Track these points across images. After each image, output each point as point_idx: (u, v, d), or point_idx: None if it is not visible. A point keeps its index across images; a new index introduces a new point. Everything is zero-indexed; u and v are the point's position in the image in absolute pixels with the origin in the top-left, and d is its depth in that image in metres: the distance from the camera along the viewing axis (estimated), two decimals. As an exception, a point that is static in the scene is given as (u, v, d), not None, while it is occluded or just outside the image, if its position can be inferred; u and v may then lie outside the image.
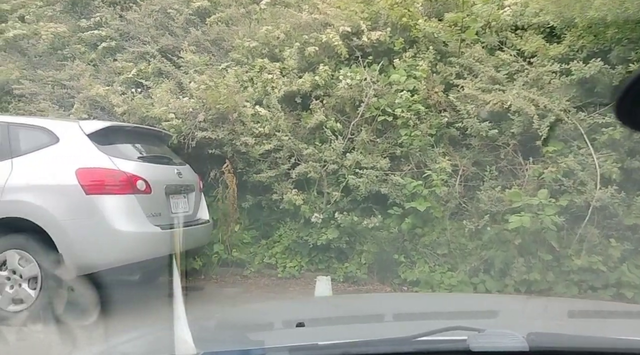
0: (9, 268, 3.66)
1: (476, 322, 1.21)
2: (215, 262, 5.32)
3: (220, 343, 1.30)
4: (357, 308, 1.83)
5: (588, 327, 1.50)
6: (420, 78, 5.29)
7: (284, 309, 1.87)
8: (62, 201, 3.65)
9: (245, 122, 5.38)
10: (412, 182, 4.82)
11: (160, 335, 1.45)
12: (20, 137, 3.87)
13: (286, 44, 5.88)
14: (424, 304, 1.96)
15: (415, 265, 4.83)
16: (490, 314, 1.61)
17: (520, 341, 1.05)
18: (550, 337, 1.15)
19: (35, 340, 3.13)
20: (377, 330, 1.43)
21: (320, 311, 1.79)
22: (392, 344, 1.10)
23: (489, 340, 1.07)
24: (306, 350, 1.16)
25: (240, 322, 1.64)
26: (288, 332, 1.43)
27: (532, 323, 1.49)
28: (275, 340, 1.35)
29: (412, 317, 1.62)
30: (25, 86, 5.86)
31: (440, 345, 1.09)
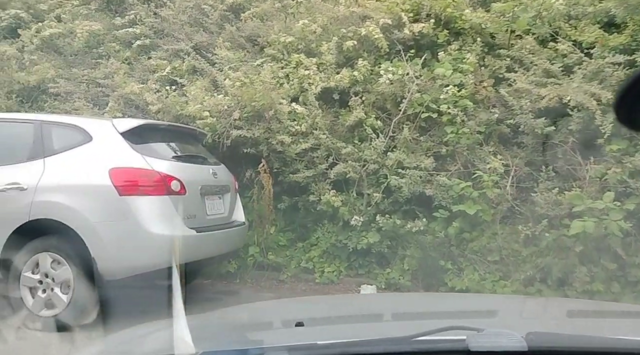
0: (41, 271, 3.54)
1: (475, 322, 1.19)
2: (251, 265, 5.13)
3: (219, 342, 1.29)
4: (356, 308, 1.82)
5: (587, 327, 1.48)
6: (467, 72, 4.96)
7: (283, 309, 1.85)
8: (94, 202, 3.51)
9: (281, 119, 5.17)
10: (460, 183, 4.50)
11: (159, 335, 1.45)
12: (52, 135, 3.75)
13: (323, 39, 5.64)
14: (422, 304, 1.95)
15: (463, 273, 4.51)
16: (489, 314, 1.60)
17: (519, 341, 1.04)
18: (550, 337, 1.14)
19: (35, 340, 3.08)
20: (376, 329, 1.42)
21: (320, 311, 1.77)
22: (391, 344, 1.09)
23: (488, 340, 1.06)
24: (305, 349, 1.15)
25: (239, 321, 1.64)
26: (287, 332, 1.42)
27: (531, 323, 1.47)
28: (274, 339, 1.34)
29: (411, 317, 1.61)
30: (61, 85, 5.81)
31: (439, 345, 1.08)
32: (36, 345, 3.03)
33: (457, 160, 4.82)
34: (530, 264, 4.32)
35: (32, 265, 3.54)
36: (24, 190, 3.56)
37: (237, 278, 5.08)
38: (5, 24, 7.16)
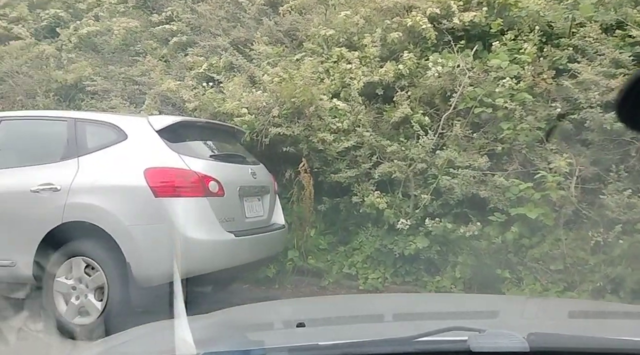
0: (74, 276, 3.38)
1: (476, 323, 1.19)
2: (290, 270, 4.87)
3: (221, 343, 1.29)
4: (357, 308, 1.81)
5: (588, 327, 1.48)
6: (525, 63, 4.56)
7: (284, 309, 1.85)
8: (129, 204, 3.33)
9: (322, 116, 4.90)
10: (520, 184, 4.11)
11: (160, 335, 1.45)
12: (86, 134, 3.59)
13: (366, 31, 5.34)
14: (424, 304, 1.95)
15: (523, 282, 4.12)
16: (491, 315, 1.59)
17: (520, 341, 1.05)
18: (551, 338, 1.14)
19: (36, 341, 3.01)
20: (378, 330, 1.42)
21: (321, 311, 1.76)
22: (393, 344, 1.10)
23: (489, 340, 1.06)
24: (306, 350, 1.15)
25: (241, 322, 1.63)
26: (288, 332, 1.43)
27: (532, 323, 1.47)
28: (275, 340, 1.34)
29: (413, 318, 1.60)
30: (98, 83, 5.73)
31: (440, 346, 1.09)
32: (38, 345, 2.97)
33: (514, 159, 4.43)
34: (599, 273, 3.90)
35: (66, 270, 3.39)
36: (58, 191, 3.41)
37: (276, 283, 4.83)
38: (45, 23, 7.18)
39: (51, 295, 3.36)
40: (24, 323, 3.14)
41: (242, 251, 3.68)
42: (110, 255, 3.29)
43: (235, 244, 3.57)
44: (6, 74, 6.25)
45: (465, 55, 4.81)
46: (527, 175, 4.35)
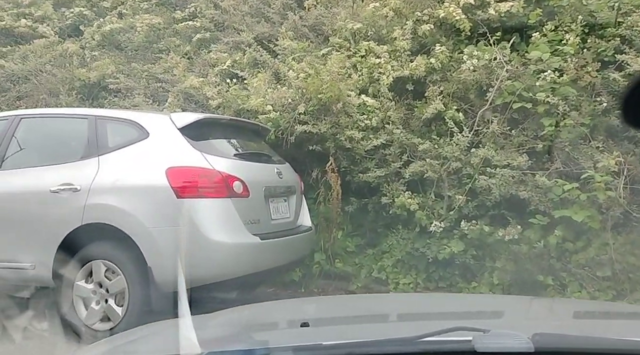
0: (94, 281, 3.25)
1: (481, 323, 1.17)
2: (316, 274, 4.68)
3: (225, 342, 1.29)
4: (361, 308, 1.80)
5: (594, 328, 1.48)
6: (567, 55, 4.26)
7: (288, 309, 1.84)
8: (151, 205, 3.18)
9: (350, 113, 4.69)
10: (564, 184, 3.83)
11: (164, 335, 1.45)
12: (107, 132, 3.46)
13: (395, 24, 5.11)
14: (428, 304, 1.93)
15: (567, 290, 3.84)
16: (495, 315, 1.59)
17: (525, 342, 1.04)
18: (556, 338, 1.12)
19: (41, 339, 3.00)
20: (382, 330, 1.41)
21: (325, 311, 1.76)
22: (397, 344, 1.09)
23: (494, 340, 1.05)
24: (310, 350, 1.15)
25: (245, 321, 1.63)
26: (292, 332, 1.42)
27: (537, 324, 1.44)
28: (279, 340, 1.33)
29: (417, 317, 1.60)
30: (121, 80, 5.64)
31: (445, 346, 1.08)
32: (43, 344, 2.96)
33: (556, 157, 4.14)
34: (653, 281, 3.60)
35: (86, 274, 3.27)
36: (77, 191, 3.28)
37: (302, 287, 4.65)
38: (70, 22, 7.15)
39: (71, 300, 3.24)
40: (29, 322, 3.12)
41: (267, 255, 3.51)
42: (131, 258, 3.16)
43: (261, 248, 3.39)
44: (30, 72, 6.22)
45: (502, 48, 4.54)
46: (570, 175, 4.07)
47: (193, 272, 3.14)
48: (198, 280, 3.14)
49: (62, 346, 2.93)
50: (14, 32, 7.12)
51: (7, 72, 6.35)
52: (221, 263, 3.18)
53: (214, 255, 3.16)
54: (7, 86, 6.30)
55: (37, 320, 3.19)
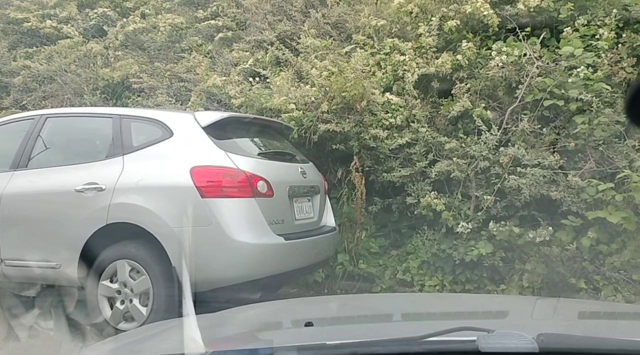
0: (119, 280, 3.23)
1: (485, 323, 1.18)
2: (340, 275, 4.61)
3: (229, 342, 1.28)
4: (365, 308, 1.79)
5: (598, 328, 1.47)
6: (601, 50, 4.11)
7: (292, 309, 1.83)
8: (176, 205, 3.15)
9: (374, 111, 4.61)
10: (599, 184, 3.69)
11: (169, 334, 1.45)
12: (132, 131, 3.44)
13: (420, 20, 5.00)
14: (432, 304, 1.92)
15: (601, 293, 3.70)
16: (500, 315, 1.59)
17: (530, 342, 1.04)
18: (560, 338, 1.12)
19: (47, 338, 3.03)
20: (386, 330, 1.41)
21: (329, 311, 1.76)
22: (401, 344, 1.09)
23: (498, 341, 1.05)
24: (315, 349, 1.14)
25: (249, 321, 1.63)
26: (296, 332, 1.41)
27: (541, 324, 1.43)
28: (283, 339, 1.32)
29: (421, 317, 1.60)
30: (144, 80, 5.65)
31: (449, 346, 1.08)
32: (48, 343, 2.97)
33: (589, 156, 3.99)
34: (693, 286, 3.44)
35: (110, 274, 3.26)
36: (102, 190, 3.28)
37: (325, 288, 4.59)
38: (94, 22, 7.22)
39: (96, 299, 3.23)
40: (35, 321, 3.15)
41: (292, 256, 3.45)
42: (156, 258, 3.13)
43: (286, 248, 3.34)
44: (55, 72, 6.29)
45: (532, 43, 4.40)
46: (604, 175, 3.92)
47: (217, 273, 3.13)
48: (222, 280, 3.12)
49: (67, 345, 2.92)
50: (40, 33, 7.23)
51: (33, 73, 6.44)
52: (246, 264, 3.14)
53: (239, 256, 3.12)
54: (33, 86, 6.38)
55: (42, 319, 3.23)
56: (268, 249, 3.23)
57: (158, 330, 1.61)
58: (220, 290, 3.12)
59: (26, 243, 3.44)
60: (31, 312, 3.36)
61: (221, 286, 3.12)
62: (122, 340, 1.67)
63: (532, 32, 4.53)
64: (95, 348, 1.72)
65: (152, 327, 1.70)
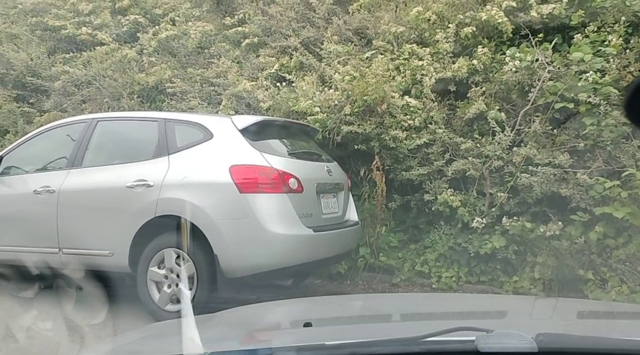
0: (166, 266, 3.60)
1: (484, 323, 1.17)
2: (361, 267, 4.92)
3: (228, 342, 1.28)
4: (364, 308, 1.80)
5: (597, 328, 1.46)
6: (609, 55, 4.35)
7: (291, 309, 1.83)
8: (216, 199, 3.50)
9: (394, 114, 4.91)
10: (605, 182, 3.94)
11: (167, 335, 1.46)
12: (176, 133, 3.81)
13: (438, 27, 5.29)
14: (431, 304, 1.92)
15: (608, 284, 3.95)
16: (499, 315, 1.58)
17: (529, 342, 1.04)
18: (560, 338, 1.12)
19: (45, 339, 3.06)
20: (385, 330, 1.41)
21: (328, 311, 1.75)
22: (400, 344, 1.09)
23: (497, 340, 1.05)
24: (313, 350, 1.14)
25: (248, 321, 1.62)
26: (295, 332, 1.41)
27: (540, 324, 1.43)
28: (282, 340, 1.32)
29: (420, 317, 1.59)
30: (177, 85, 6.02)
31: (448, 346, 1.08)
32: (46, 344, 3.02)
33: (598, 156, 4.24)
34: (694, 277, 3.67)
35: (158, 261, 3.62)
36: (151, 186, 3.64)
37: (348, 279, 4.90)
38: (126, 28, 7.60)
39: (145, 284, 3.60)
40: (33, 322, 3.24)
41: (320, 246, 3.78)
42: (199, 247, 3.48)
43: (315, 239, 3.67)
44: (93, 77, 6.69)
45: (544, 49, 4.65)
46: (612, 173, 4.16)
47: (254, 260, 3.48)
48: (258, 267, 3.46)
49: (65, 346, 2.94)
50: (76, 39, 7.65)
51: (72, 77, 6.85)
52: (279, 252, 3.48)
53: (273, 246, 3.46)
54: (72, 90, 6.79)
55: (40, 319, 3.32)
56: (299, 240, 3.56)
57: (156, 331, 1.62)
58: (256, 276, 3.47)
59: (82, 233, 3.82)
60: (29, 313, 3.49)
61: (257, 272, 3.47)
62: (120, 341, 1.68)
63: (544, 37, 4.78)
64: (94, 349, 1.78)
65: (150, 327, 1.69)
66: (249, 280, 3.49)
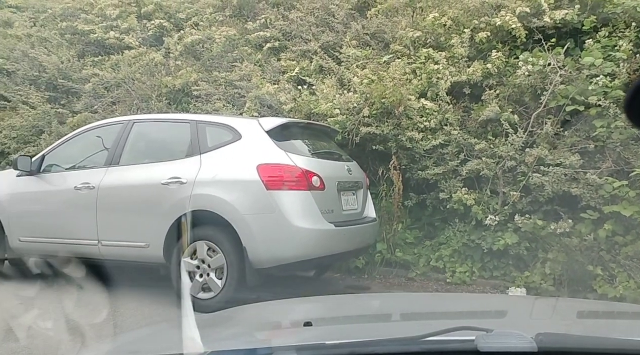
0: (198, 257, 3.87)
1: (484, 322, 1.18)
2: (379, 262, 5.15)
3: (228, 342, 1.28)
4: (364, 307, 1.79)
5: (597, 327, 1.46)
6: (619, 60, 4.52)
7: (291, 308, 1.82)
8: (245, 196, 3.76)
9: (410, 116, 5.13)
10: (614, 181, 4.12)
11: (168, 334, 1.47)
12: (207, 134, 4.08)
13: (453, 31, 5.49)
14: (431, 304, 1.92)
15: (616, 280, 4.12)
16: (499, 314, 1.58)
17: (528, 342, 1.03)
18: (559, 338, 1.12)
19: (45, 338, 3.10)
20: (385, 329, 1.41)
21: (328, 310, 1.75)
22: (400, 344, 1.08)
23: (497, 340, 1.05)
24: (313, 349, 1.14)
25: (248, 321, 1.62)
26: (295, 331, 1.41)
27: (540, 323, 1.44)
28: (282, 339, 1.33)
29: (420, 317, 1.59)
30: (202, 87, 6.29)
31: (448, 345, 1.07)
32: (47, 343, 3.03)
33: (607, 157, 4.42)
34: (700, 274, 3.83)
35: (191, 252, 3.89)
36: (184, 184, 3.91)
37: (365, 274, 5.13)
38: (151, 33, 7.90)
39: (178, 273, 3.88)
40: (34, 321, 3.29)
41: (341, 240, 4.02)
42: (229, 239, 3.75)
43: (336, 234, 3.91)
44: (122, 80, 7.01)
45: (557, 53, 4.83)
46: (621, 173, 4.33)
47: (280, 252, 3.74)
48: (284, 259, 3.72)
49: (66, 345, 2.92)
50: (104, 43, 7.99)
51: (101, 80, 7.17)
52: (303, 245, 3.73)
53: (297, 239, 3.71)
54: (101, 92, 7.12)
55: (41, 319, 3.34)
56: (321, 234, 3.81)
57: (157, 331, 1.63)
58: (281, 267, 3.73)
59: (119, 226, 4.12)
60: (30, 312, 3.54)
61: (282, 264, 3.72)
62: (121, 340, 1.69)
63: (557, 42, 4.96)
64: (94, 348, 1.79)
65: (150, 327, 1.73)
66: (275, 271, 3.75)
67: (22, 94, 7.50)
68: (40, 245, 4.44)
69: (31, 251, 4.54)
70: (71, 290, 3.72)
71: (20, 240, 4.53)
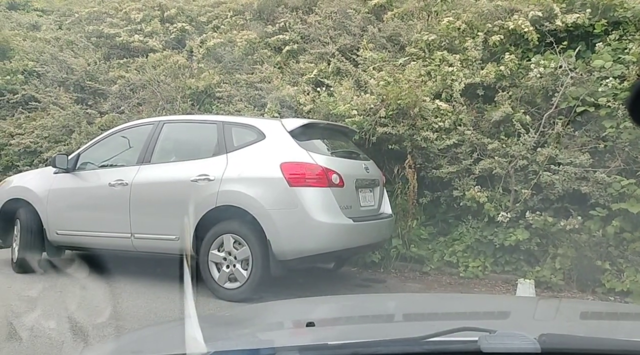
0: (225, 250, 4.12)
1: (487, 323, 1.18)
2: (394, 257, 5.36)
3: (231, 342, 1.28)
4: (367, 308, 1.79)
5: (600, 328, 1.46)
6: (629, 63, 4.67)
7: (294, 309, 1.83)
8: (269, 192, 4.01)
9: (425, 116, 5.33)
10: (622, 180, 4.28)
11: (170, 334, 1.47)
12: (233, 134, 4.33)
13: (467, 34, 5.67)
14: (434, 305, 1.91)
15: (624, 274, 4.29)
16: (502, 315, 1.58)
17: (532, 342, 1.03)
18: (563, 339, 1.11)
19: (48, 338, 3.09)
20: (388, 330, 1.41)
21: (331, 311, 1.76)
22: (403, 345, 1.09)
23: (500, 341, 1.04)
24: (316, 350, 1.14)
25: (250, 321, 1.62)
26: (298, 332, 1.41)
27: (544, 324, 1.43)
28: (285, 339, 1.34)
29: (423, 318, 1.59)
30: (225, 89, 6.56)
31: (450, 346, 1.07)
32: (50, 343, 3.04)
33: (617, 156, 4.57)
34: None
35: (218, 245, 4.15)
36: (212, 181, 4.17)
37: (381, 268, 5.34)
38: (173, 36, 8.20)
39: (207, 264, 4.14)
40: (36, 321, 3.30)
41: (359, 235, 4.25)
42: (254, 233, 4.00)
43: (354, 228, 4.14)
44: (148, 82, 7.30)
45: (568, 56, 5.00)
46: (629, 172, 4.49)
47: (302, 245, 3.98)
48: (306, 251, 3.97)
49: (69, 345, 2.94)
50: (129, 46, 8.30)
51: (127, 82, 7.48)
52: (323, 239, 3.96)
53: (318, 233, 3.94)
54: (128, 94, 7.43)
55: (44, 319, 3.35)
56: (341, 228, 4.04)
57: (159, 330, 1.63)
58: (303, 258, 3.97)
59: (151, 221, 4.39)
60: (33, 312, 3.54)
61: (304, 256, 3.97)
62: (123, 340, 1.69)
63: (568, 45, 5.12)
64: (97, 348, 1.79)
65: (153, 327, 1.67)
66: (297, 263, 3.99)
67: (52, 95, 7.84)
68: (76, 238, 4.74)
69: (67, 243, 4.85)
70: (74, 290, 3.83)
71: (58, 233, 4.84)
